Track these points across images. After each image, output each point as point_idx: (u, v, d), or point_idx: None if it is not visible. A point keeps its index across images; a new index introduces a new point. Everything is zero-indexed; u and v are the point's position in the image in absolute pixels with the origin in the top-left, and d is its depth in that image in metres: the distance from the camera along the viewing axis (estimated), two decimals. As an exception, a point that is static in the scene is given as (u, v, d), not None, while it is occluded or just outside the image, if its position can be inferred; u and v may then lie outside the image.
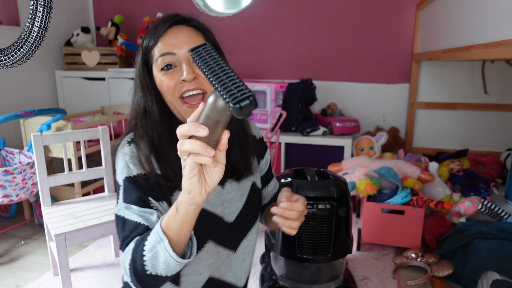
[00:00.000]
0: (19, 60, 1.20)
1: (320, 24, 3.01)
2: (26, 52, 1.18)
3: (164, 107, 0.84)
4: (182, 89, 0.80)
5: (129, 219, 0.77)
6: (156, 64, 0.82)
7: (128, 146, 0.83)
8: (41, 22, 1.13)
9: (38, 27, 1.14)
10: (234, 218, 0.92)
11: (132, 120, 0.87)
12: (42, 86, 2.94)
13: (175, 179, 0.80)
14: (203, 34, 0.86)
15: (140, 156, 0.81)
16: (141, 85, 0.84)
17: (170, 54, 0.80)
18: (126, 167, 0.81)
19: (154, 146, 0.82)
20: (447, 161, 2.50)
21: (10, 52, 1.18)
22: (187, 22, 0.85)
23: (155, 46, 0.82)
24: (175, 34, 0.82)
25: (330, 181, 1.52)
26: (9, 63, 1.19)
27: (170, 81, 0.80)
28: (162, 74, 0.81)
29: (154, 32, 0.83)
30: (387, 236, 1.98)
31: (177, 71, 0.81)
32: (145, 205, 0.78)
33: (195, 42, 0.82)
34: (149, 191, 0.79)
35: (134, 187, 0.79)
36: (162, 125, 0.83)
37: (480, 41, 1.54)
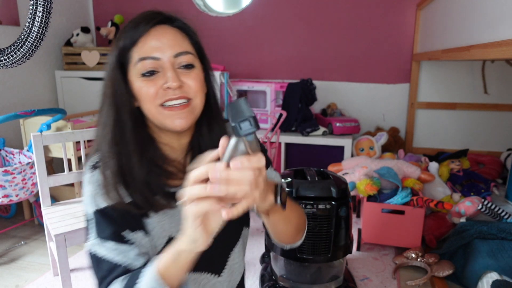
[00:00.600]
0: (19, 60, 1.20)
1: (320, 24, 3.01)
2: (26, 52, 1.18)
3: (136, 118, 0.75)
4: (165, 96, 0.71)
5: (105, 257, 0.70)
6: (135, 69, 0.72)
7: (91, 173, 0.74)
8: (41, 22, 1.13)
9: (38, 27, 1.14)
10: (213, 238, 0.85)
11: (98, 135, 0.76)
12: (42, 86, 2.94)
13: (145, 206, 0.73)
14: (188, 36, 0.77)
15: (106, 186, 0.71)
16: (113, 91, 0.73)
17: (152, 59, 0.71)
18: (93, 199, 0.72)
19: (122, 168, 0.72)
20: (447, 161, 2.50)
21: (10, 52, 1.18)
22: (172, 22, 0.76)
23: (133, 47, 0.72)
24: (158, 35, 0.72)
25: (330, 181, 1.52)
26: (9, 63, 1.19)
27: (151, 88, 0.71)
28: (142, 80, 0.72)
29: (133, 31, 0.73)
30: (387, 236, 1.98)
31: (160, 77, 0.72)
32: (121, 240, 0.70)
33: (181, 45, 0.74)
34: (123, 224, 0.72)
35: (106, 221, 0.71)
36: (133, 140, 0.73)
37: (480, 41, 1.54)
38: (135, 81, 0.73)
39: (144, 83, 0.72)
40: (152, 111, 0.73)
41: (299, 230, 0.84)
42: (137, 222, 0.74)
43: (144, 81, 0.72)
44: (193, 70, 0.75)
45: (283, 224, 0.77)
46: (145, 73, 0.72)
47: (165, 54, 0.72)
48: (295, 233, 0.83)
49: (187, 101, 0.73)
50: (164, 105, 0.72)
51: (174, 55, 0.72)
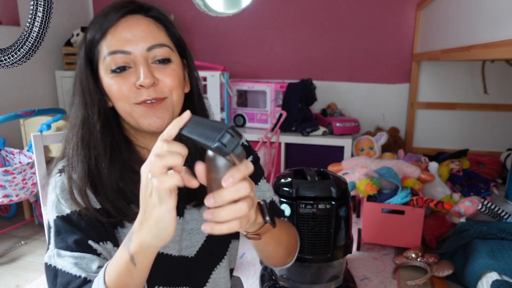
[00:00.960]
0: (19, 60, 1.20)
1: (320, 24, 3.01)
2: (26, 52, 1.18)
3: (107, 119, 0.67)
4: (139, 97, 0.64)
5: (62, 269, 0.61)
6: (104, 64, 0.65)
7: (58, 176, 0.68)
8: (41, 22, 1.13)
9: (38, 27, 1.14)
10: (195, 253, 0.76)
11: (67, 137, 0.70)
12: (42, 86, 2.94)
13: (116, 215, 0.66)
14: (164, 27, 0.68)
15: (72, 189, 0.64)
16: (81, 88, 0.66)
17: (122, 53, 0.63)
18: (57, 204, 0.65)
19: (90, 172, 0.65)
20: (447, 161, 2.50)
21: (10, 52, 1.19)
22: (146, 12, 0.67)
23: (102, 40, 0.64)
24: (130, 26, 0.64)
25: (330, 181, 1.52)
26: (9, 63, 1.20)
27: (123, 85, 0.64)
28: (112, 76, 0.64)
29: (102, 22, 0.64)
30: (387, 236, 1.98)
31: (132, 73, 0.64)
32: (83, 250, 0.62)
33: (155, 37, 0.65)
34: (88, 232, 0.64)
35: (68, 229, 0.63)
36: (102, 143, 0.66)
37: (480, 41, 1.54)
38: (104, 78, 0.65)
39: (115, 80, 0.64)
40: (127, 109, 0.66)
41: (290, 252, 0.78)
42: (107, 231, 0.66)
43: (115, 78, 0.64)
44: (170, 65, 0.67)
45: (273, 245, 0.69)
46: (115, 69, 0.64)
47: (137, 47, 0.64)
48: (286, 254, 0.77)
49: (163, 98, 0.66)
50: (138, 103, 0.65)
51: (147, 48, 0.64)
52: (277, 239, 0.70)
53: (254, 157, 0.86)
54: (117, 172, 0.67)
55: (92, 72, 0.67)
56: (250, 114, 2.86)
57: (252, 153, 0.86)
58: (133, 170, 0.69)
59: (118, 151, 0.68)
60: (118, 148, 0.68)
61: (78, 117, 0.67)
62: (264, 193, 0.84)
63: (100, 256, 0.64)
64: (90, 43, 0.66)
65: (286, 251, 0.76)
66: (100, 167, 0.66)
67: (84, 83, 0.66)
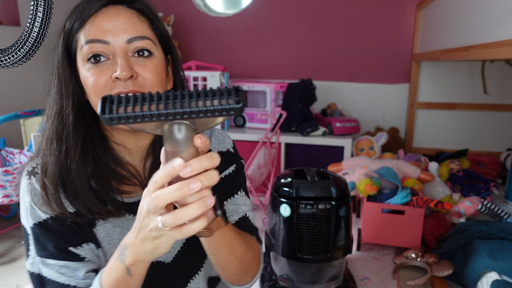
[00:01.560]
0: (20, 60, 1.20)
1: (320, 24, 3.02)
2: (26, 52, 1.18)
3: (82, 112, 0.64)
4: (114, 89, 0.60)
5: (49, 278, 0.62)
6: (81, 53, 0.61)
7: (28, 179, 0.64)
8: (42, 22, 1.13)
9: (38, 27, 1.14)
10: (171, 259, 0.74)
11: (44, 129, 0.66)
12: (42, 86, 2.94)
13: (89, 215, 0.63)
14: (148, 20, 0.65)
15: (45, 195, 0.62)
16: (58, 79, 0.64)
17: (100, 42, 0.60)
18: (31, 210, 0.63)
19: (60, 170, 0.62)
20: (447, 161, 2.50)
21: (10, 52, 1.19)
22: (129, 3, 0.64)
23: (81, 29, 0.61)
24: (110, 16, 0.61)
25: (330, 181, 1.52)
26: (9, 63, 1.20)
27: (99, 77, 0.60)
28: (89, 68, 0.61)
29: (81, 10, 0.62)
30: (387, 236, 1.98)
31: (109, 65, 0.60)
32: (66, 257, 0.62)
33: (137, 28, 0.62)
34: (67, 237, 0.63)
35: (47, 236, 0.62)
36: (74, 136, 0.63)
37: (480, 41, 1.54)
38: (81, 69, 0.62)
39: (91, 72, 0.60)
40: None
41: (247, 269, 0.72)
42: (85, 233, 0.65)
43: (91, 70, 0.61)
44: (151, 59, 0.63)
45: (226, 252, 0.64)
46: (91, 58, 0.60)
47: (117, 38, 0.60)
48: (241, 270, 0.70)
49: None
50: None
51: (127, 40, 0.61)
52: (231, 246, 0.64)
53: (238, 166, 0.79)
54: (89, 168, 0.64)
55: (69, 63, 0.64)
56: (250, 114, 2.86)
57: (236, 161, 0.80)
58: (107, 166, 0.66)
59: (91, 145, 0.65)
60: (92, 143, 0.65)
61: (53, 108, 0.64)
62: (238, 207, 0.77)
63: (84, 260, 0.64)
64: (69, 31, 0.63)
65: (241, 265, 0.69)
66: (70, 162, 0.62)
67: (60, 73, 0.64)
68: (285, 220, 1.51)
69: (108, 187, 0.66)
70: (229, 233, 0.63)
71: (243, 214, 0.78)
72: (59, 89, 0.64)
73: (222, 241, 0.61)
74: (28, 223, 0.64)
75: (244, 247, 0.69)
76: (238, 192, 0.78)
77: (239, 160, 0.81)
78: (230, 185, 0.77)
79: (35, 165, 0.66)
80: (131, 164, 0.70)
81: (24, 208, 0.64)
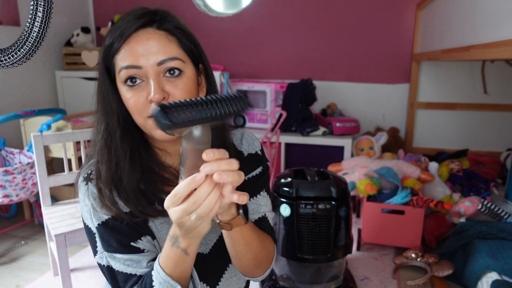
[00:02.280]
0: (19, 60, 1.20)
1: (320, 24, 3.02)
2: (26, 52, 1.18)
3: (127, 125, 0.72)
4: (150, 111, 0.66)
5: (118, 269, 0.71)
6: (119, 77, 0.68)
7: (85, 185, 0.73)
8: (41, 22, 1.13)
9: (38, 27, 1.14)
10: (208, 250, 0.81)
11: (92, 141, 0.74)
12: (42, 86, 2.94)
13: (141, 215, 0.72)
14: (177, 39, 0.69)
15: (102, 198, 0.70)
16: (102, 97, 0.71)
17: (135, 68, 0.66)
18: (94, 213, 0.72)
19: (112, 177, 0.71)
20: (447, 161, 2.50)
21: (10, 52, 1.18)
22: (159, 25, 0.68)
23: (117, 54, 0.67)
24: (141, 40, 0.66)
25: (330, 181, 1.52)
26: (9, 63, 1.19)
27: (137, 99, 0.67)
28: (127, 90, 0.67)
29: (117, 36, 0.67)
30: (387, 236, 1.98)
31: (144, 87, 0.67)
32: (129, 250, 0.71)
33: (166, 50, 0.67)
34: (127, 233, 0.71)
35: (110, 234, 0.71)
36: (122, 149, 0.71)
37: (480, 41, 1.54)
38: (121, 89, 0.69)
39: (130, 94, 0.67)
40: (141, 122, 0.69)
41: (260, 264, 0.79)
42: (142, 227, 0.74)
43: (129, 92, 0.67)
44: (181, 78, 0.68)
45: (243, 246, 0.72)
46: (127, 81, 0.67)
47: (148, 61, 0.66)
48: (255, 264, 0.78)
49: None
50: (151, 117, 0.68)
51: (158, 63, 0.66)
52: (247, 241, 0.72)
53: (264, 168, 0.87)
54: (137, 174, 0.72)
55: (111, 81, 0.70)
56: (250, 114, 2.86)
57: (263, 163, 0.87)
58: (152, 171, 0.74)
59: (138, 155, 0.73)
60: (138, 152, 0.73)
61: (102, 123, 0.71)
62: (259, 207, 0.84)
63: (144, 251, 0.72)
64: (107, 54, 0.69)
65: (255, 260, 0.77)
66: (121, 172, 0.70)
67: (104, 93, 0.71)
68: (285, 220, 1.51)
69: (154, 189, 0.74)
70: (247, 230, 0.70)
71: (263, 214, 0.84)
72: (104, 106, 0.71)
73: (240, 236, 0.69)
74: (93, 224, 0.72)
75: (260, 245, 0.75)
76: (261, 192, 0.84)
77: (265, 162, 0.87)
78: (255, 185, 0.84)
79: (90, 171, 0.74)
80: (171, 167, 0.78)
81: (87, 211, 0.72)
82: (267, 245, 0.80)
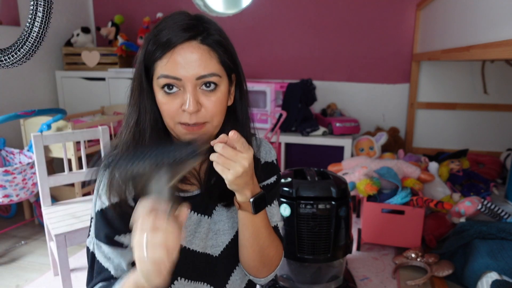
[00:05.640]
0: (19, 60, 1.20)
1: (320, 24, 3.02)
2: (26, 52, 1.18)
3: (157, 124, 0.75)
4: (182, 118, 0.70)
5: (98, 259, 0.75)
6: (157, 82, 0.71)
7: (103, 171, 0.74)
8: (41, 22, 1.13)
9: (38, 27, 1.14)
10: (219, 252, 0.82)
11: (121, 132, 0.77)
12: (42, 86, 2.94)
13: None
14: (218, 55, 0.72)
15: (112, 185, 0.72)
16: (138, 94, 0.73)
17: (174, 79, 0.68)
18: (99, 198, 0.75)
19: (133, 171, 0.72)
20: (447, 161, 2.50)
21: (10, 52, 1.18)
22: (203, 39, 0.70)
23: (159, 60, 0.70)
24: (184, 53, 0.68)
25: (330, 181, 1.52)
26: (9, 63, 1.19)
27: (171, 105, 0.70)
28: (163, 95, 0.70)
29: (162, 44, 0.69)
30: (387, 236, 1.98)
31: (180, 94, 0.70)
32: (112, 243, 0.73)
33: (206, 66, 0.69)
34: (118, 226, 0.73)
35: (103, 223, 0.74)
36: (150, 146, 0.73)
37: (480, 41, 1.54)
38: (157, 93, 0.72)
39: (165, 100, 0.70)
40: (171, 125, 0.72)
41: (265, 262, 0.81)
42: None
43: (165, 98, 0.70)
44: (215, 92, 0.71)
45: (251, 233, 0.76)
46: (164, 87, 0.70)
47: (188, 75, 0.68)
48: (260, 259, 0.80)
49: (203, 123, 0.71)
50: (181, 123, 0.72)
51: (197, 78, 0.69)
52: (256, 231, 0.75)
53: (278, 177, 0.89)
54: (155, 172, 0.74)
55: (148, 82, 0.73)
56: (250, 114, 2.86)
57: (277, 172, 0.89)
58: None
59: None
60: None
61: (133, 117, 0.74)
62: (272, 216, 0.86)
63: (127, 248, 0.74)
64: (149, 56, 0.71)
65: (261, 255, 0.79)
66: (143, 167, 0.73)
67: (140, 91, 0.73)
68: (285, 220, 1.51)
69: None
70: (257, 222, 0.75)
71: (275, 224, 0.87)
72: (139, 103, 0.73)
73: (250, 224, 0.74)
74: (94, 209, 0.76)
75: (268, 240, 0.78)
76: (274, 201, 0.87)
77: (278, 172, 0.89)
78: (269, 194, 0.85)
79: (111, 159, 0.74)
80: None
81: (95, 196, 0.76)
82: (275, 244, 0.82)
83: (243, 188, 0.69)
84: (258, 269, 0.82)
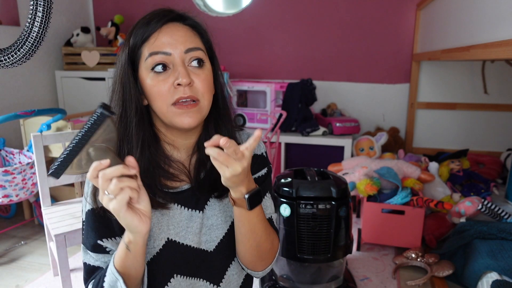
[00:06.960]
0: (19, 60, 1.20)
1: (320, 24, 3.01)
2: (26, 52, 1.18)
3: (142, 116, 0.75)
4: (176, 95, 0.71)
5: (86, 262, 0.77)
6: (146, 64, 0.72)
7: None
8: (41, 22, 1.13)
9: (38, 27, 1.14)
10: (214, 247, 0.81)
11: None
12: (42, 86, 2.94)
13: None
14: (199, 34, 0.77)
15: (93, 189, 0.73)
16: (122, 87, 0.74)
17: (163, 54, 0.71)
18: (84, 202, 0.76)
19: None
20: (447, 161, 2.50)
21: (10, 52, 1.18)
22: (184, 20, 0.76)
23: (144, 44, 0.72)
24: (171, 32, 0.72)
25: (330, 181, 1.52)
26: (9, 63, 1.19)
27: (163, 85, 0.71)
28: (153, 77, 0.72)
29: (144, 28, 0.73)
30: (387, 236, 1.98)
31: (171, 74, 0.71)
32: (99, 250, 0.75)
33: (192, 42, 0.74)
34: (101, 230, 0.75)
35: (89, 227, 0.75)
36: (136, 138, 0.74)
37: (480, 41, 1.54)
38: (146, 78, 0.73)
39: (155, 81, 0.71)
40: (163, 109, 0.72)
41: (262, 256, 0.81)
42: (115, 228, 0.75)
43: (155, 79, 0.72)
44: (203, 70, 0.74)
45: (247, 232, 0.76)
46: (155, 67, 0.71)
47: (176, 49, 0.71)
48: (257, 254, 0.80)
49: (195, 101, 0.73)
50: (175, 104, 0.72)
51: (185, 51, 0.72)
52: (252, 227, 0.75)
53: (268, 170, 0.90)
54: (143, 167, 0.73)
55: (132, 72, 0.74)
56: (250, 114, 2.86)
57: (267, 165, 0.90)
58: (158, 165, 0.77)
59: (147, 147, 0.75)
60: (148, 144, 0.75)
61: (117, 111, 0.74)
62: (266, 208, 0.86)
63: (110, 252, 0.75)
64: (133, 46, 0.74)
65: (258, 249, 0.79)
66: None
67: (125, 82, 0.74)
68: (285, 220, 1.51)
69: (157, 182, 0.77)
70: (253, 217, 0.74)
71: (269, 216, 0.87)
72: (123, 95, 0.74)
73: (246, 220, 0.74)
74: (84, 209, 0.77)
75: (264, 235, 0.78)
76: (267, 194, 0.87)
77: (268, 164, 0.90)
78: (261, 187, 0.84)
79: None
80: (179, 161, 0.80)
81: (84, 195, 0.77)
82: (271, 238, 0.82)
83: (238, 185, 0.69)
84: (255, 263, 0.82)
